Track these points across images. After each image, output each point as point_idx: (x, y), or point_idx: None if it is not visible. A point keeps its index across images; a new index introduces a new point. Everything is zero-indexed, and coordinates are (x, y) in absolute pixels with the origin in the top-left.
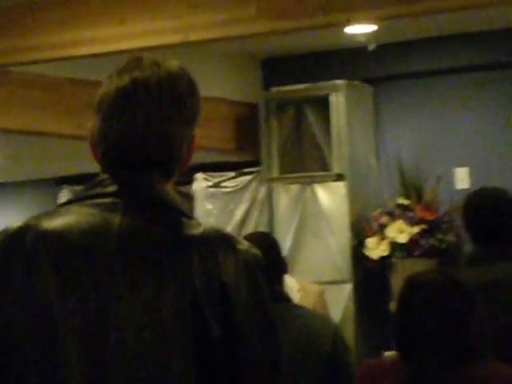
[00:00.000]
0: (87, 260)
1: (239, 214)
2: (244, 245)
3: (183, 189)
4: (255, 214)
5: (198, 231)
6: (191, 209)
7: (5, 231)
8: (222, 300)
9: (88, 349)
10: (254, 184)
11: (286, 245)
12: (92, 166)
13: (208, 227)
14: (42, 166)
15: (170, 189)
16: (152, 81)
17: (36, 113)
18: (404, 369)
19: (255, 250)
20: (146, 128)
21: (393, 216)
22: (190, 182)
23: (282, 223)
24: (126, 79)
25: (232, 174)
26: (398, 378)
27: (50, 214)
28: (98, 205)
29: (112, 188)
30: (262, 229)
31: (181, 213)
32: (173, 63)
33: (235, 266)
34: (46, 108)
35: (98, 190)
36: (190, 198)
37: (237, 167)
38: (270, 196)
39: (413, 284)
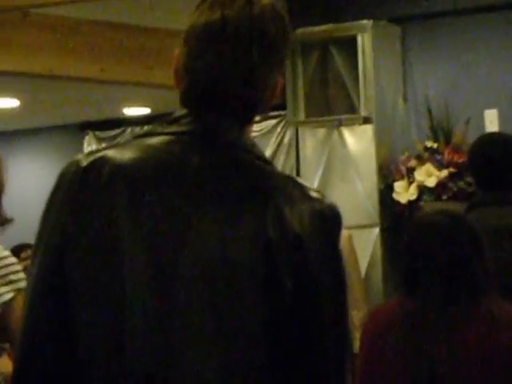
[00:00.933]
0: (162, 196)
1: None
2: (320, 194)
3: None
4: (281, 158)
5: (275, 179)
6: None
7: (77, 163)
8: (295, 251)
9: (156, 285)
10: (279, 128)
11: None
12: (116, 110)
13: (285, 175)
14: (65, 112)
15: (249, 133)
16: (243, 22)
17: (58, 56)
18: (409, 305)
19: (331, 201)
20: (232, 70)
21: (421, 159)
22: None
23: (309, 167)
24: (216, 15)
25: (257, 117)
26: (403, 316)
27: (125, 146)
28: (176, 142)
29: (191, 127)
30: (288, 173)
31: (259, 158)
32: (266, 2)
33: (311, 216)
34: (68, 51)
35: (176, 128)
36: None
37: None
38: (296, 140)
39: (422, 222)
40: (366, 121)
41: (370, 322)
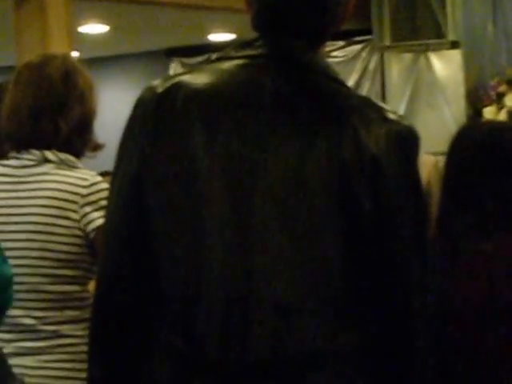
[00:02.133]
0: (238, 118)
1: (350, 84)
2: (397, 116)
3: None
4: (367, 84)
5: (351, 100)
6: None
7: (153, 89)
8: (372, 173)
9: (234, 210)
10: (364, 53)
11: None
12: (201, 37)
13: (361, 97)
14: (152, 38)
15: (323, 54)
16: None
17: None
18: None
19: (408, 122)
20: None
21: (511, 84)
22: None
23: (395, 94)
24: None
25: (341, 43)
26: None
27: (199, 71)
28: (249, 65)
29: (264, 50)
30: (373, 99)
31: (334, 80)
32: None
33: (387, 137)
34: None
35: (249, 51)
36: None
37: (346, 36)
38: (381, 65)
39: (461, 133)
40: (454, 45)
41: None
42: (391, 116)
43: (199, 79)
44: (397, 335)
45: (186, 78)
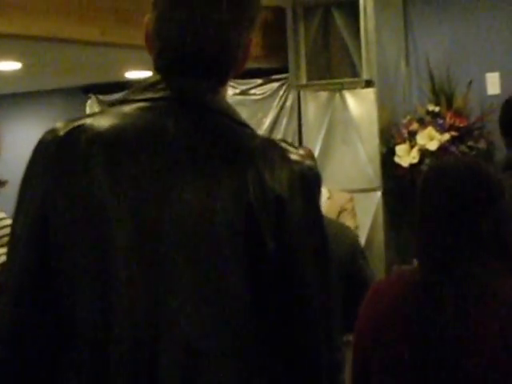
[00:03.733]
0: (142, 161)
1: (268, 121)
2: (300, 155)
3: None
4: (284, 121)
5: (254, 141)
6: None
7: (54, 132)
8: (276, 213)
9: (140, 246)
10: (282, 91)
11: (314, 152)
12: (118, 74)
13: (263, 137)
14: (68, 75)
15: (225, 96)
16: None
17: (58, 18)
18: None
19: (310, 161)
20: (203, 30)
21: (423, 123)
22: None
23: (311, 131)
24: None
25: (259, 80)
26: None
27: (102, 115)
28: (152, 108)
29: (165, 93)
30: (290, 136)
31: (236, 121)
32: None
33: (290, 177)
34: (69, 14)
35: (151, 94)
36: None
37: (264, 74)
38: (298, 103)
39: (432, 169)
40: (368, 84)
41: (373, 295)
42: (294, 156)
43: (102, 122)
44: (304, 377)
45: (89, 121)
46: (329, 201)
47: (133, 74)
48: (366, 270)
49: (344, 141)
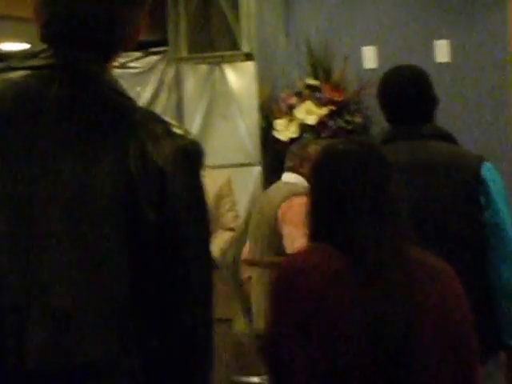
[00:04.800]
0: (20, 129)
1: (146, 95)
2: (182, 130)
3: None
4: (164, 95)
5: (137, 115)
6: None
7: None
8: (158, 185)
9: (14, 221)
10: (161, 64)
11: (194, 127)
12: None
13: (148, 111)
14: None
15: (110, 69)
16: None
17: None
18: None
19: (193, 137)
20: (91, 4)
21: (302, 97)
22: None
23: (191, 105)
24: None
25: (138, 54)
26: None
27: None
28: (34, 76)
29: (50, 61)
30: (170, 111)
31: (120, 94)
32: None
33: (173, 151)
34: None
35: (34, 62)
36: None
37: (143, 47)
38: (178, 77)
39: (335, 154)
40: (248, 57)
41: (288, 280)
42: (177, 131)
43: None
44: (178, 349)
45: None
46: (208, 178)
47: (7, 46)
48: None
49: (224, 115)
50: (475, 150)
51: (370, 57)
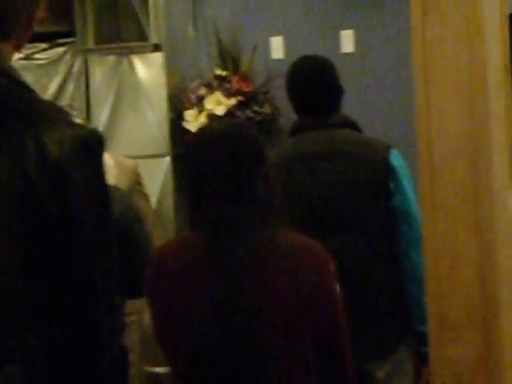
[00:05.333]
0: None
1: (53, 87)
2: (84, 120)
3: None
4: (71, 87)
5: (36, 105)
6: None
7: None
8: (56, 177)
9: None
10: (68, 56)
11: (102, 119)
12: None
13: (46, 102)
14: None
15: (7, 57)
16: None
17: None
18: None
19: (93, 127)
20: None
21: (211, 87)
22: None
23: (99, 97)
24: None
25: (44, 45)
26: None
27: None
28: None
29: None
30: (77, 102)
31: (19, 84)
32: None
33: (72, 141)
34: None
35: None
36: None
37: (50, 38)
38: (85, 68)
39: (201, 132)
40: (156, 48)
41: (157, 267)
42: (77, 120)
43: None
44: (84, 338)
45: None
46: (116, 168)
47: None
48: (140, 234)
49: (133, 107)
50: (380, 138)
51: (277, 47)
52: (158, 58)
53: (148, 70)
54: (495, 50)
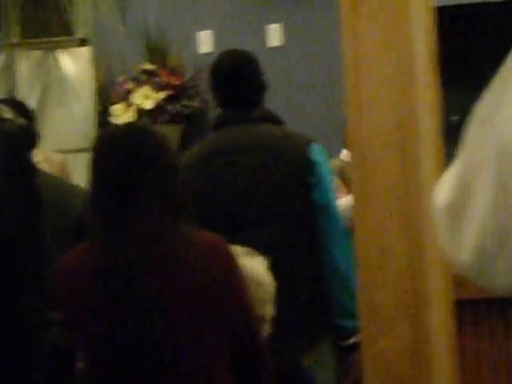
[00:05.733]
0: None
1: None
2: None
3: None
4: None
5: None
6: None
7: None
8: None
9: None
10: None
11: None
12: None
13: None
14: None
15: None
16: None
17: None
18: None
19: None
20: None
21: (138, 82)
22: None
23: (24, 91)
24: None
25: None
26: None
27: None
28: None
29: None
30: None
31: None
32: None
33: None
34: None
35: None
36: None
37: None
38: (10, 63)
39: (102, 135)
40: (83, 43)
41: (62, 276)
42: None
43: None
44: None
45: None
46: (45, 163)
47: None
48: None
49: (60, 102)
50: (307, 133)
51: (206, 41)
52: (84, 52)
53: (75, 64)
54: (423, 43)
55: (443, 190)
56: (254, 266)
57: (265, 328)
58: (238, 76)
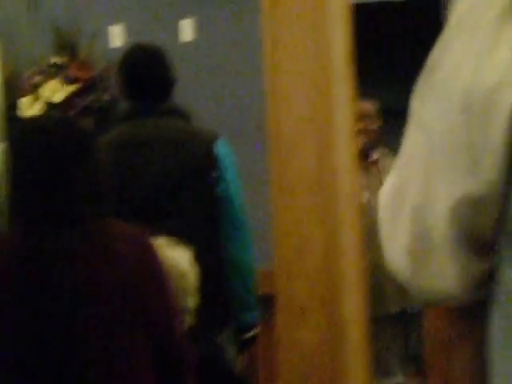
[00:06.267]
0: None
1: None
2: None
3: None
4: None
5: None
6: None
7: None
8: None
9: None
10: None
11: None
12: None
13: None
14: None
15: None
16: None
17: None
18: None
19: None
20: None
21: (47, 75)
22: None
23: None
24: None
25: None
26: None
27: None
28: None
29: None
30: None
31: None
32: None
33: None
34: None
35: None
36: None
37: None
38: None
39: (22, 126)
40: None
41: None
42: None
43: None
44: None
45: None
46: None
47: None
48: None
49: None
50: (218, 127)
51: (116, 35)
52: None
53: None
54: (339, 39)
55: (384, 189)
56: (177, 256)
57: (187, 319)
58: (145, 69)
